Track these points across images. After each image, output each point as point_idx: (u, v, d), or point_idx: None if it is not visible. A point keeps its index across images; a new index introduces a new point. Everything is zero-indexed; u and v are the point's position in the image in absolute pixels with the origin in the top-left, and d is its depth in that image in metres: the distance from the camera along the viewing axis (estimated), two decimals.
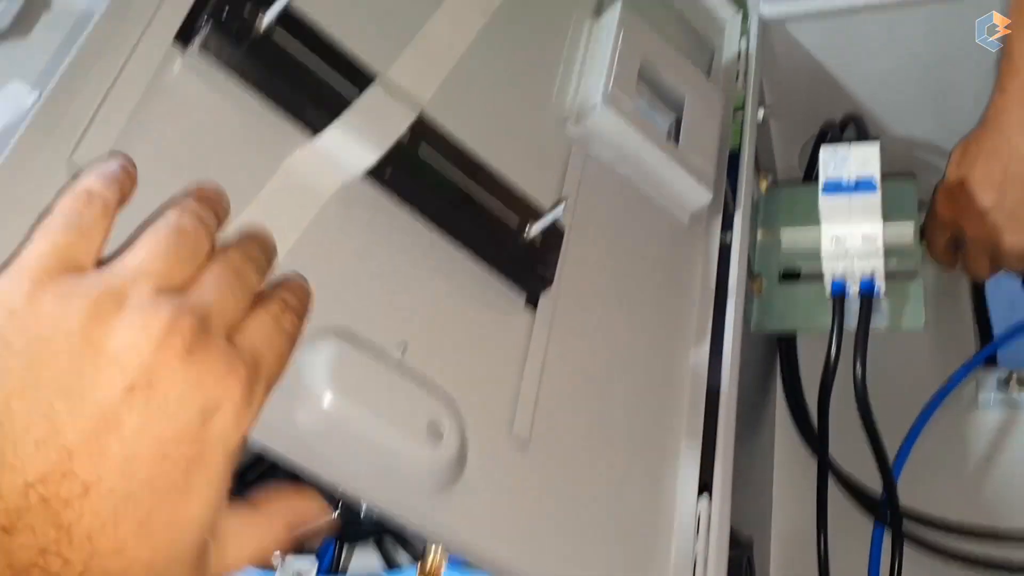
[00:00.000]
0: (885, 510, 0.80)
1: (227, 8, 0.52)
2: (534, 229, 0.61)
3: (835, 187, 0.74)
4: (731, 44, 0.87)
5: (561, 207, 0.61)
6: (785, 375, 0.90)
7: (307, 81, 0.54)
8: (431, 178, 0.57)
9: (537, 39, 0.72)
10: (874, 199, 0.74)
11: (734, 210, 0.77)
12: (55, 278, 0.33)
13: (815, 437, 0.85)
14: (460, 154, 0.59)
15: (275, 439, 0.45)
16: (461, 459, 0.53)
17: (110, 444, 0.32)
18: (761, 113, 0.86)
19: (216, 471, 0.34)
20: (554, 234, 0.62)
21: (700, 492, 0.63)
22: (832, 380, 0.76)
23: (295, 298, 0.41)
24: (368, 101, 0.55)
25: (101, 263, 0.36)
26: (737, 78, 0.84)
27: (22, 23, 0.76)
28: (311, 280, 0.47)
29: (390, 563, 0.81)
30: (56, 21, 0.77)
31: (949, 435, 0.86)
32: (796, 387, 0.88)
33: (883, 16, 0.85)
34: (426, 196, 0.57)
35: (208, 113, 0.51)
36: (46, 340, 0.32)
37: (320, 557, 0.74)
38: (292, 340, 0.40)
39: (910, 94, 0.92)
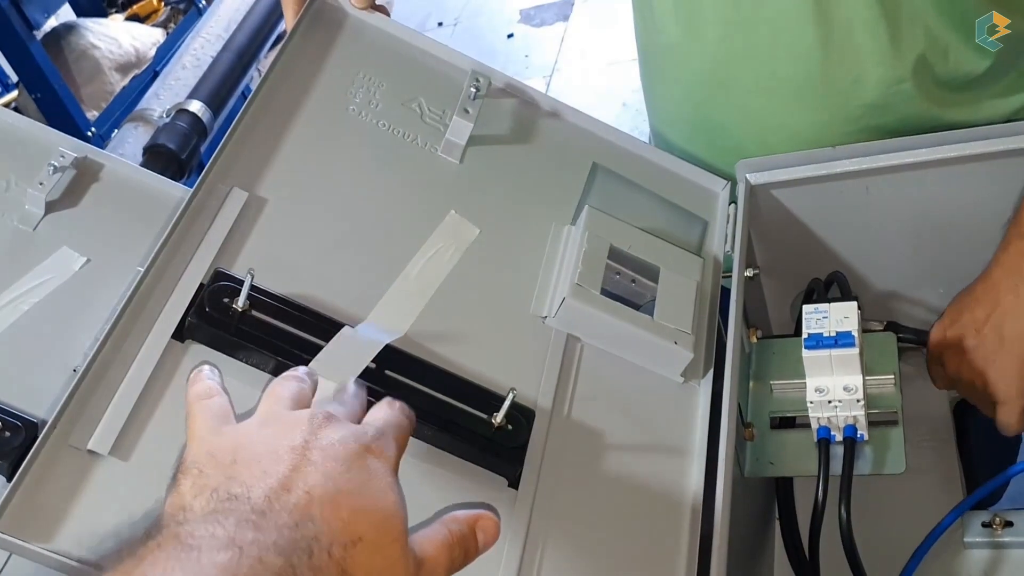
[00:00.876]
0: None
1: (206, 307, 0.68)
2: (497, 418, 0.71)
3: (817, 342, 0.81)
4: (722, 212, 0.95)
5: (511, 395, 0.70)
6: (782, 518, 0.94)
7: (280, 344, 0.68)
8: (399, 395, 0.67)
9: (516, 254, 0.85)
10: (853, 353, 0.80)
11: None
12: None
13: (804, 565, 0.89)
14: (424, 368, 0.72)
15: None
16: None
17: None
18: (750, 272, 0.93)
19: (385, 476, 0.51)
20: (523, 418, 0.72)
21: None
22: (820, 522, 0.81)
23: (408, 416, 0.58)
24: (333, 346, 0.69)
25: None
26: (726, 242, 0.92)
27: (73, 193, 0.86)
28: None
29: None
30: (105, 191, 0.87)
31: (937, 575, 0.90)
32: (793, 529, 0.93)
33: (859, 181, 0.93)
34: None
35: None
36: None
37: None
38: (410, 426, 0.57)
39: (889, 251, 0.99)
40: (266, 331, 0.68)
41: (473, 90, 0.87)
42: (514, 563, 0.67)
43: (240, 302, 0.68)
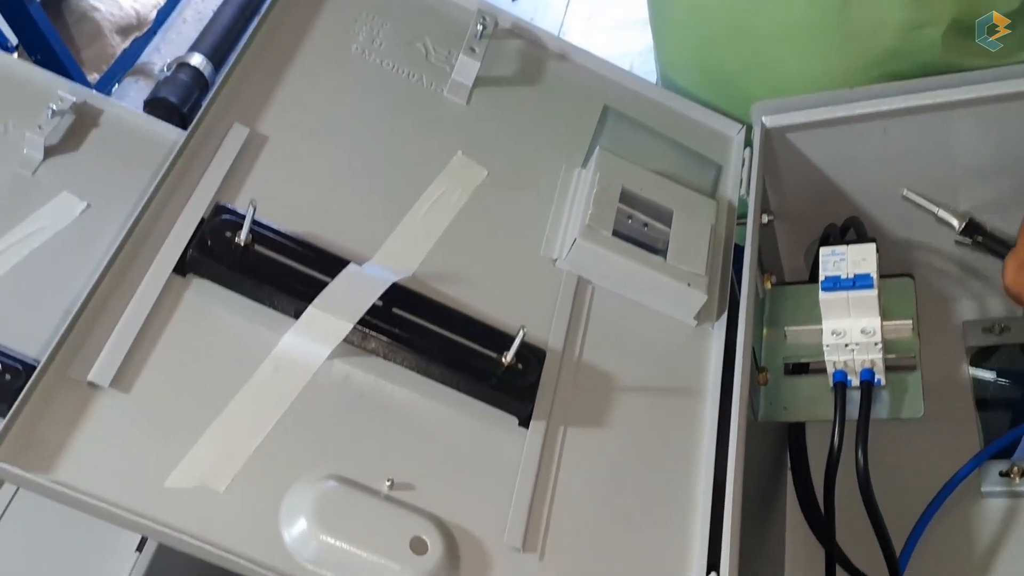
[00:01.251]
0: None
1: (208, 240, 0.66)
2: (508, 356, 0.69)
3: (834, 284, 0.79)
4: (736, 157, 0.93)
5: (521, 332, 0.69)
6: (794, 464, 0.93)
7: (284, 279, 0.67)
8: (407, 333, 0.68)
9: (525, 196, 0.83)
10: (871, 295, 0.78)
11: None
12: None
13: (823, 524, 0.87)
14: (432, 307, 0.70)
15: (271, 568, 0.57)
16: (449, 567, 0.61)
17: None
18: (765, 218, 0.91)
19: None
20: (534, 357, 0.71)
21: (708, 572, 0.67)
22: (836, 468, 0.80)
23: None
24: (338, 283, 0.67)
25: None
26: (741, 186, 0.90)
27: (72, 138, 0.84)
28: (308, 437, 0.63)
29: None
30: (105, 137, 0.85)
31: (954, 525, 0.88)
32: (805, 476, 0.91)
33: (877, 123, 0.91)
34: (404, 349, 0.68)
35: (207, 319, 0.65)
36: None
37: None
38: None
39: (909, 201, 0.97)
40: (269, 266, 0.67)
41: (480, 28, 0.85)
42: (524, 504, 0.66)
43: (242, 236, 0.66)
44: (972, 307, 1.03)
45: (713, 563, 0.67)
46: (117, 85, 2.01)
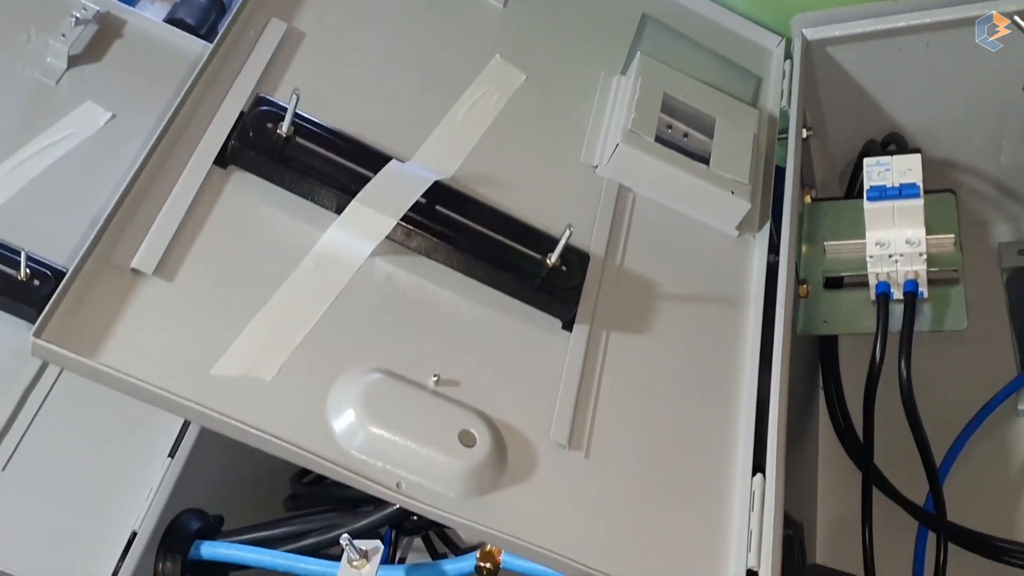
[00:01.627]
0: (930, 515, 0.82)
1: (249, 131, 0.64)
2: (552, 257, 0.67)
3: (879, 193, 0.78)
4: (776, 69, 0.91)
5: (568, 232, 0.67)
6: (827, 383, 0.92)
7: (326, 173, 0.65)
8: (451, 231, 0.66)
9: (564, 102, 0.81)
10: (917, 204, 0.77)
11: (781, 219, 0.81)
12: None
13: (858, 445, 0.86)
14: (476, 206, 0.69)
15: (321, 455, 0.56)
16: (497, 460, 0.61)
17: None
18: (805, 133, 0.89)
19: None
20: (578, 260, 0.69)
21: (754, 473, 0.66)
22: (877, 381, 0.79)
23: None
24: (381, 179, 0.65)
25: None
26: (782, 98, 0.88)
27: (95, 48, 0.82)
28: (353, 332, 0.62)
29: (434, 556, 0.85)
30: (128, 47, 0.84)
31: (991, 444, 0.88)
32: (839, 395, 0.90)
33: (920, 37, 0.89)
34: (448, 247, 0.66)
35: (248, 212, 0.64)
36: None
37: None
38: None
39: (949, 115, 0.95)
40: (311, 158, 0.65)
41: None
42: (570, 402, 0.65)
43: (284, 127, 0.65)
44: (1008, 230, 1.02)
45: (759, 465, 0.66)
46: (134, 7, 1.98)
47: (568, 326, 0.68)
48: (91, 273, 0.56)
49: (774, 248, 0.80)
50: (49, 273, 0.70)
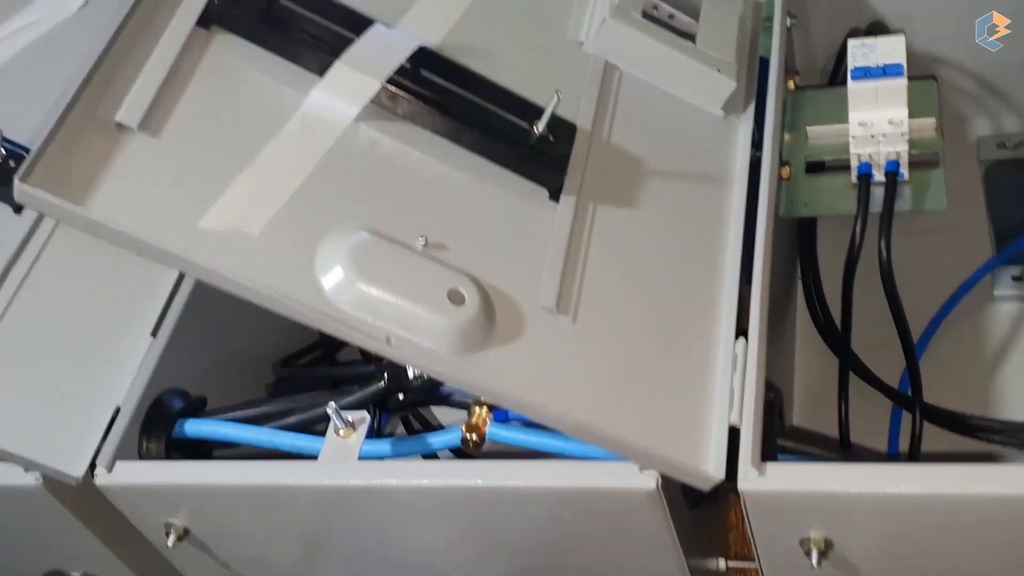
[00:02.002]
0: (906, 397, 0.83)
1: None
2: (540, 125, 0.67)
3: (863, 73, 0.78)
4: None
5: (556, 99, 0.66)
6: (805, 269, 0.93)
7: (310, 35, 0.64)
8: (435, 97, 0.66)
9: None
10: (900, 84, 0.77)
11: (765, 100, 0.81)
12: None
13: (835, 331, 0.87)
14: (463, 73, 0.68)
15: (313, 307, 0.56)
16: (486, 320, 0.61)
17: None
18: (789, 21, 0.89)
19: None
20: (566, 131, 0.69)
21: (736, 337, 0.67)
22: (856, 262, 0.79)
23: None
24: (365, 41, 0.64)
25: None
26: None
27: None
28: (339, 194, 0.61)
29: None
30: None
31: (966, 326, 0.89)
32: (816, 282, 0.91)
33: None
34: (434, 112, 0.65)
35: (232, 73, 0.63)
36: None
37: None
38: None
39: (929, 6, 0.95)
40: (296, 19, 0.64)
41: None
42: (557, 268, 0.65)
43: None
44: (986, 124, 1.03)
45: (742, 329, 0.67)
46: None
47: (555, 196, 0.68)
48: (76, 123, 0.56)
49: (756, 145, 0.80)
50: (25, 153, 0.69)
